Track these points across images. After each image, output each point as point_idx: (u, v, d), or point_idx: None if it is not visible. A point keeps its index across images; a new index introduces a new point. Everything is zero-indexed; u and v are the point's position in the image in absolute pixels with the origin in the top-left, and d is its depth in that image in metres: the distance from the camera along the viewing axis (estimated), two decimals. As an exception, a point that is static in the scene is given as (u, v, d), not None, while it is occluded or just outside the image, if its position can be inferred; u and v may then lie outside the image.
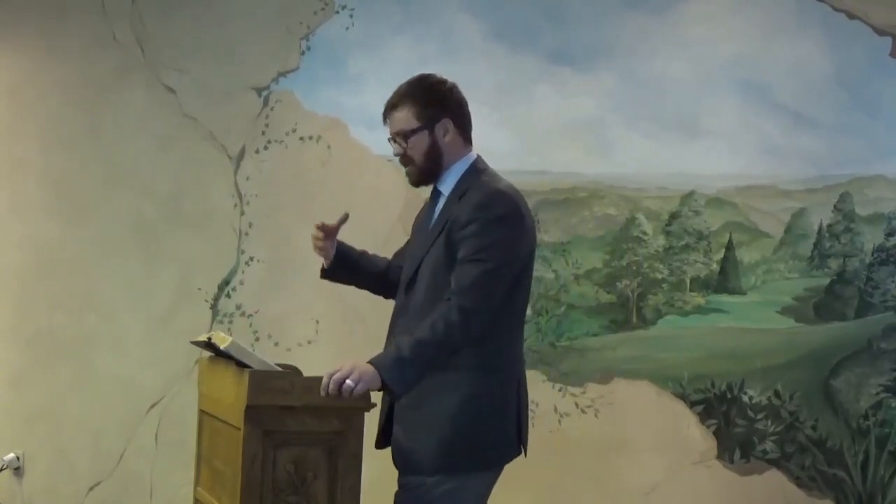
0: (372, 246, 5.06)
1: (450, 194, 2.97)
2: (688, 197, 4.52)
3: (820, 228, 4.38)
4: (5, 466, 5.17)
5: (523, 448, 2.98)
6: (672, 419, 4.46)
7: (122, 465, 5.08)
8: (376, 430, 3.01)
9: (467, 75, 4.67)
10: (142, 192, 5.10)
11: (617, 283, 4.59)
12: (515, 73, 4.69)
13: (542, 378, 4.57)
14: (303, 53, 4.96)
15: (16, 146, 5.29)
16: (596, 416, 4.54)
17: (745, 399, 4.38)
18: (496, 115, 4.69)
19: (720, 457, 4.41)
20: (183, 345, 3.53)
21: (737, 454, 4.39)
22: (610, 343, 4.58)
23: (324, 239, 3.16)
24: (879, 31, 4.30)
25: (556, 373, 4.58)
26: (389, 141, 3.03)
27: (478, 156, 3.05)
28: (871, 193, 4.31)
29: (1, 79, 5.33)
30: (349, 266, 3.24)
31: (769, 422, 4.35)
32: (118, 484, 5.08)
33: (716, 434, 4.42)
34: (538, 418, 4.47)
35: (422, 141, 2.96)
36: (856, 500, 4.25)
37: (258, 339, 4.91)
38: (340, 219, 3.15)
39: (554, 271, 4.61)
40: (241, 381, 2.77)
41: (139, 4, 5.13)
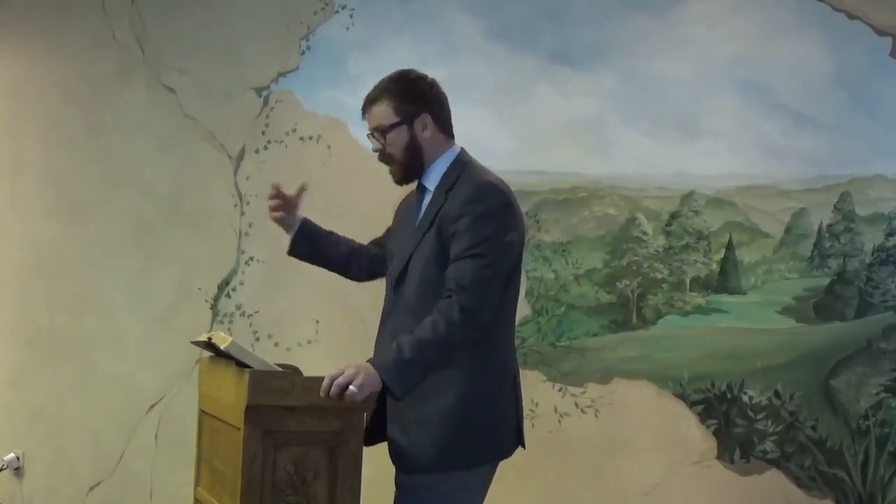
0: (372, 246, 5.03)
1: (436, 189, 2.96)
2: (688, 197, 4.52)
3: (820, 228, 4.38)
4: (5, 466, 5.17)
5: (521, 441, 2.97)
6: (672, 419, 4.46)
7: (122, 465, 5.08)
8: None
9: (467, 75, 4.72)
10: (142, 192, 5.10)
11: (617, 283, 4.59)
12: (515, 73, 4.69)
13: (542, 378, 4.56)
14: (303, 53, 4.96)
15: (16, 146, 5.29)
16: (596, 416, 4.54)
17: (745, 399, 4.38)
18: (496, 115, 4.69)
19: (720, 457, 4.41)
20: (183, 345, 3.53)
21: (737, 454, 4.39)
22: (610, 343, 4.58)
23: (281, 208, 3.13)
24: (879, 31, 4.30)
25: (556, 373, 4.58)
26: (368, 136, 3.01)
27: (461, 149, 3.02)
28: (871, 193, 4.31)
29: (1, 79, 5.33)
30: (315, 243, 3.24)
31: (769, 422, 4.35)
32: (118, 484, 5.09)
33: (716, 434, 4.42)
34: (538, 418, 4.48)
35: (400, 136, 2.95)
36: (856, 500, 4.25)
37: (258, 339, 4.91)
38: (299, 189, 3.14)
39: (554, 271, 4.61)
40: (241, 381, 2.77)
41: (139, 4, 5.13)
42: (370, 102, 2.99)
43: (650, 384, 4.50)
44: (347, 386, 2.70)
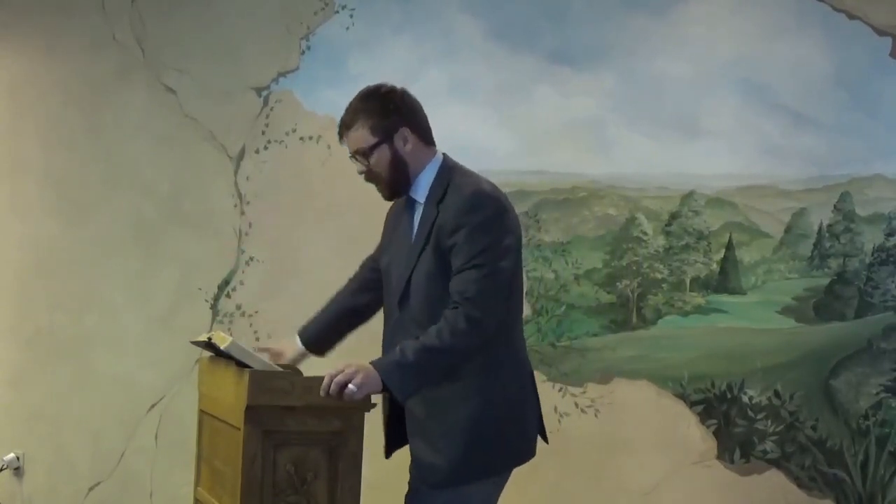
0: (372, 246, 5.06)
1: (426, 201, 2.94)
2: (688, 197, 4.52)
3: (820, 228, 4.38)
4: (5, 466, 5.17)
5: (544, 437, 3.01)
6: (672, 419, 4.46)
7: (122, 465, 5.08)
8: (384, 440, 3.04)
9: (467, 75, 4.72)
10: (142, 192, 5.10)
11: (617, 283, 4.59)
12: (515, 73, 4.69)
13: (542, 378, 4.56)
14: (303, 53, 4.96)
15: (16, 146, 5.29)
16: (596, 416, 4.54)
17: (745, 399, 4.38)
18: (496, 115, 4.69)
19: (720, 457, 4.41)
20: (183, 345, 3.53)
21: (737, 454, 4.39)
22: (610, 343, 4.58)
23: (278, 358, 3.18)
24: (879, 31, 4.30)
25: (556, 373, 4.58)
26: (351, 159, 2.99)
27: (444, 155, 3.00)
28: (871, 193, 4.31)
29: (1, 79, 5.33)
30: (323, 339, 3.27)
31: (769, 422, 4.35)
32: (118, 484, 5.08)
33: (716, 434, 4.42)
34: (538, 418, 4.48)
35: (383, 155, 2.93)
36: (856, 500, 4.25)
37: (258, 339, 4.90)
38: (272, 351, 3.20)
39: (554, 271, 4.61)
40: (241, 381, 2.77)
41: (139, 4, 5.13)
42: (346, 127, 2.95)
43: (650, 384, 4.50)
44: (347, 384, 2.71)
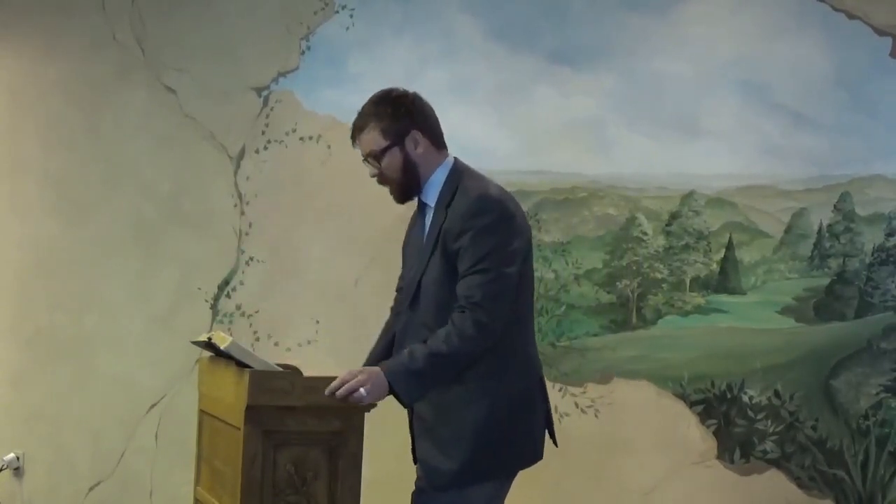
0: (372, 246, 5.07)
1: (436, 205, 2.97)
2: (688, 197, 4.52)
3: (820, 228, 4.38)
4: (5, 466, 5.17)
5: (553, 440, 3.03)
6: (672, 419, 4.46)
7: (122, 465, 5.08)
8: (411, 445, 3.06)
9: (467, 75, 4.72)
10: (142, 192, 5.10)
11: (617, 283, 4.58)
12: (515, 73, 4.69)
13: (543, 378, 4.56)
14: (303, 53, 4.96)
15: (16, 146, 5.29)
16: (596, 416, 4.54)
17: (745, 399, 4.38)
18: (496, 115, 4.69)
19: (720, 457, 4.41)
20: (183, 345, 3.53)
21: (737, 454, 4.39)
22: (610, 343, 4.58)
23: None
24: (879, 31, 4.29)
25: (556, 373, 4.58)
26: (364, 162, 3.01)
27: (455, 158, 3.03)
28: (871, 193, 4.31)
29: (1, 79, 5.33)
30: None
31: (769, 422, 4.35)
32: (118, 484, 5.09)
33: (716, 434, 4.42)
34: (538, 418, 4.47)
35: (394, 158, 2.96)
36: (856, 500, 4.25)
37: (258, 339, 4.91)
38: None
39: (554, 271, 4.61)
40: (241, 381, 2.77)
41: (139, 4, 5.13)
42: (358, 130, 2.99)
43: (650, 384, 4.50)
44: (357, 389, 2.72)
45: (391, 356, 3.03)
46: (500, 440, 2.88)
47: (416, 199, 3.05)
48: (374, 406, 2.88)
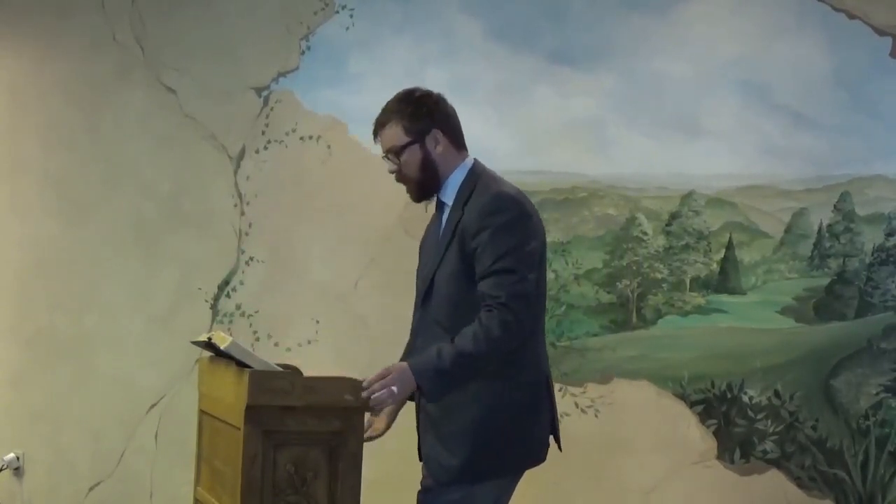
0: (372, 245, 5.07)
1: (453, 203, 2.99)
2: (688, 197, 4.52)
3: (820, 228, 4.38)
4: (5, 466, 5.17)
5: (558, 443, 3.04)
6: (672, 419, 4.46)
7: (122, 465, 5.08)
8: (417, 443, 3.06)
9: (467, 75, 4.72)
10: (142, 192, 5.10)
11: (617, 283, 4.59)
12: (515, 73, 4.69)
13: (543, 378, 4.56)
14: (303, 53, 4.96)
15: (16, 146, 5.29)
16: (596, 416, 4.54)
17: (745, 399, 4.38)
18: (496, 115, 4.69)
19: (720, 457, 4.41)
20: (183, 345, 3.53)
21: (737, 454, 4.39)
22: (610, 343, 4.58)
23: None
24: (879, 31, 4.30)
25: (556, 373, 4.57)
26: (383, 159, 3.04)
27: (475, 160, 3.06)
28: (871, 193, 4.31)
29: (1, 79, 5.33)
30: None
31: (769, 422, 4.35)
32: (118, 484, 5.08)
33: (716, 434, 4.42)
34: (538, 418, 4.47)
35: (414, 155, 2.98)
36: (856, 500, 4.25)
37: (258, 339, 4.90)
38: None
39: (554, 271, 4.61)
40: (241, 381, 2.77)
41: (139, 4, 5.13)
42: (380, 126, 3.02)
43: (650, 384, 4.50)
44: (389, 387, 2.76)
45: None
46: (502, 439, 2.89)
47: (435, 199, 3.07)
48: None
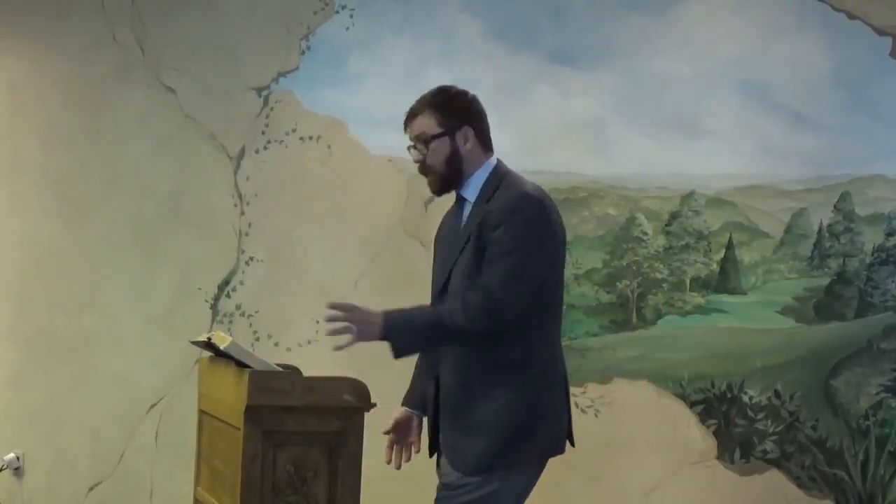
0: (372, 245, 5.07)
1: (476, 199, 3.02)
2: (688, 197, 4.52)
3: (820, 228, 4.38)
4: (5, 466, 5.17)
5: (571, 438, 3.07)
6: (672, 419, 4.46)
7: (122, 465, 5.08)
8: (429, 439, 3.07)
9: (467, 75, 4.70)
10: (142, 192, 5.10)
11: (617, 283, 4.58)
12: (515, 73, 4.69)
13: (542, 378, 4.56)
14: (303, 53, 4.96)
15: (16, 146, 5.29)
16: (596, 416, 4.54)
17: (745, 399, 4.38)
18: (496, 115, 4.65)
19: (720, 457, 4.41)
20: (183, 345, 3.53)
21: (737, 454, 4.39)
22: (610, 343, 4.58)
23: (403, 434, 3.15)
24: (879, 31, 4.30)
25: (556, 373, 4.57)
26: (409, 149, 3.06)
27: (498, 160, 3.10)
28: (871, 193, 4.31)
29: (1, 79, 5.33)
30: (424, 392, 3.21)
31: (769, 422, 4.35)
32: (118, 484, 5.08)
33: (716, 434, 4.42)
34: (538, 418, 4.47)
35: (442, 147, 3.02)
36: (856, 500, 4.25)
37: (258, 339, 4.90)
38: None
39: (554, 271, 4.61)
40: (241, 381, 2.77)
41: (139, 4, 5.13)
42: (413, 115, 3.06)
43: (650, 384, 4.50)
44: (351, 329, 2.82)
45: (422, 390, 3.11)
46: (523, 429, 2.91)
47: (455, 195, 3.09)
48: (375, 405, 2.89)
